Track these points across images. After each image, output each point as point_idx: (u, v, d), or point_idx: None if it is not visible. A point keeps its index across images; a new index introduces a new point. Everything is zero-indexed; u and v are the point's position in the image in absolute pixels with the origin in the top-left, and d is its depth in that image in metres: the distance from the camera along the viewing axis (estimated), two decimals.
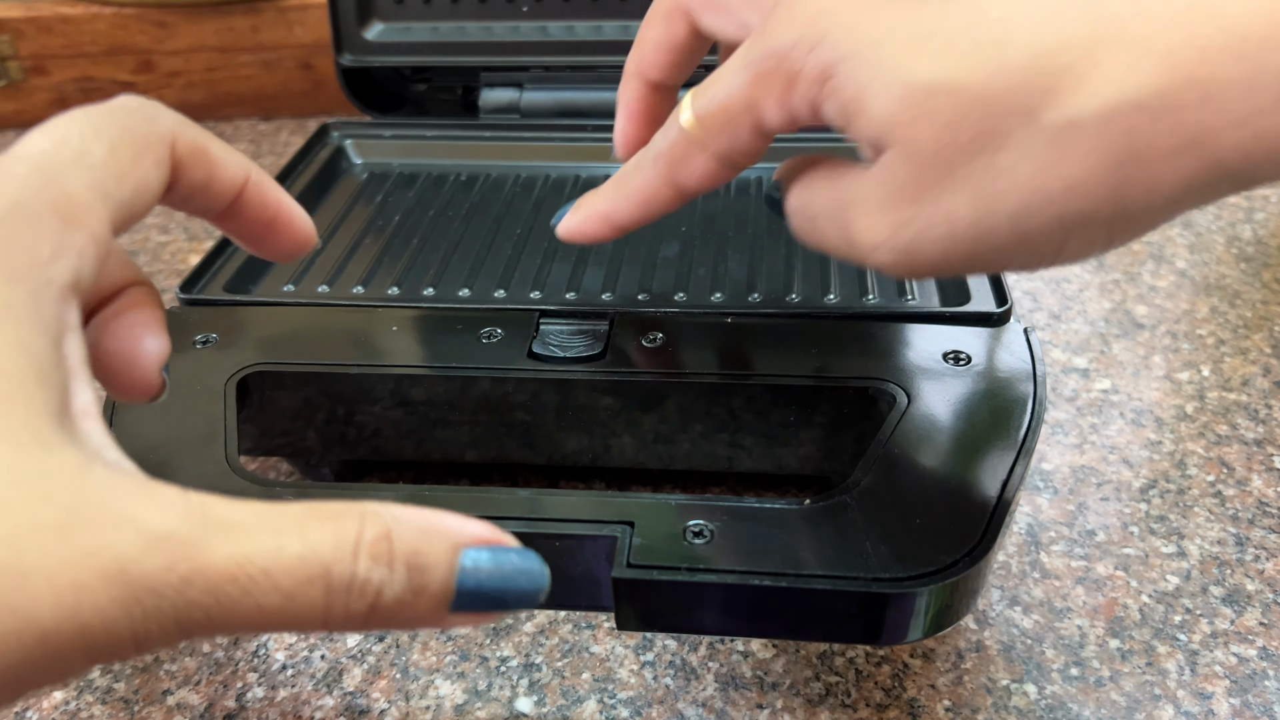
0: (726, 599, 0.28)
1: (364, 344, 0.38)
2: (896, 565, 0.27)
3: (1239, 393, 0.47)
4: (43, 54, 0.75)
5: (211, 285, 0.42)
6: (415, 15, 0.57)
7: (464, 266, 0.45)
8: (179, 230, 0.64)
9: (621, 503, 0.30)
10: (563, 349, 0.37)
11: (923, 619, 0.28)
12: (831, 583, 0.27)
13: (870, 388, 0.35)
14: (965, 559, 0.27)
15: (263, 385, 0.37)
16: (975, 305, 0.39)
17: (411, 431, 0.39)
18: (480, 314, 0.39)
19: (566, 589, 0.30)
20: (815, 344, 0.37)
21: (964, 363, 0.35)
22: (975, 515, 0.29)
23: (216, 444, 0.33)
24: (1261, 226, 0.60)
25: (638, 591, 0.28)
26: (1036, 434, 0.32)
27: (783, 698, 0.34)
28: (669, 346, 0.37)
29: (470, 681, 0.35)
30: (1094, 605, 0.37)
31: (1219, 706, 0.33)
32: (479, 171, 0.53)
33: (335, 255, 0.46)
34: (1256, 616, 0.36)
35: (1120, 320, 0.52)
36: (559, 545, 0.29)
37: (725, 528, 0.29)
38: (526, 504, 0.30)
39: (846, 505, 0.29)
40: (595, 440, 0.38)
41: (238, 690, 0.35)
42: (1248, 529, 0.40)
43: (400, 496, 0.30)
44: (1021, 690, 0.34)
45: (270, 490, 0.31)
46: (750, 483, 0.43)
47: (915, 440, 0.32)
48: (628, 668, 0.35)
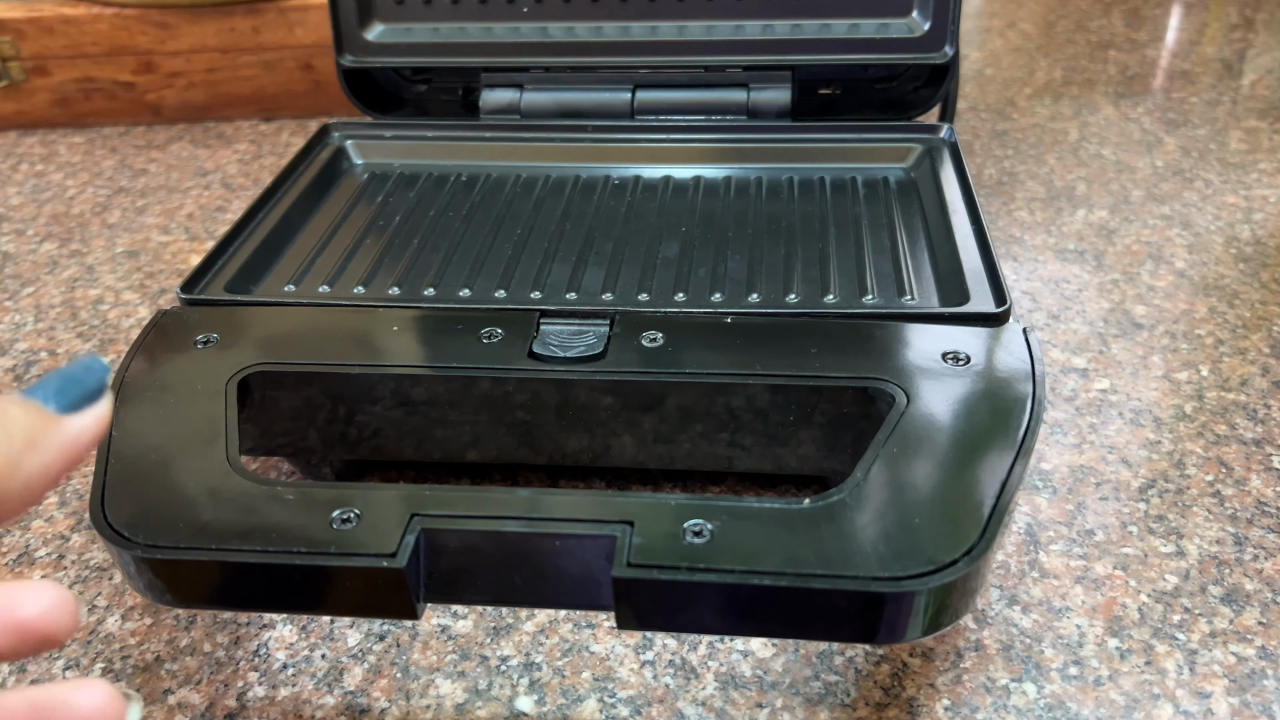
0: (726, 598, 0.28)
1: (365, 344, 0.38)
2: (895, 564, 0.27)
3: (1237, 392, 0.47)
4: (44, 55, 0.75)
5: (213, 285, 0.42)
6: (416, 16, 0.57)
7: (464, 267, 0.45)
8: (179, 230, 0.64)
9: (621, 502, 0.30)
10: (563, 349, 0.37)
11: (921, 618, 0.28)
12: (830, 582, 0.27)
13: (869, 388, 0.35)
14: (964, 558, 0.28)
15: (264, 385, 0.37)
16: (974, 305, 0.39)
17: (412, 431, 0.39)
18: (481, 314, 0.39)
19: (567, 588, 0.30)
20: (815, 344, 0.37)
21: (963, 363, 0.35)
22: (974, 515, 0.29)
23: (218, 444, 0.33)
24: (1260, 227, 0.60)
25: (638, 591, 0.28)
26: (1035, 434, 0.32)
27: (782, 697, 0.34)
28: (669, 346, 0.37)
29: (470, 680, 0.35)
30: (1093, 605, 0.37)
31: (1218, 706, 0.33)
32: (479, 172, 0.54)
33: (336, 255, 0.46)
34: (1255, 616, 0.36)
35: (1119, 320, 0.52)
36: (559, 545, 0.29)
37: (725, 527, 0.29)
38: (526, 503, 0.30)
39: (845, 505, 0.29)
40: (595, 440, 0.38)
41: (239, 689, 0.35)
42: (1246, 528, 0.40)
43: (400, 496, 0.30)
44: (1021, 689, 0.34)
45: (270, 489, 0.31)
46: (750, 482, 0.43)
47: (914, 440, 0.32)
48: (628, 667, 0.35)
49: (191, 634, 0.37)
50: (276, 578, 0.29)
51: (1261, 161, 0.67)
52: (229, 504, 0.31)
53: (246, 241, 0.46)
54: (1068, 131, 0.72)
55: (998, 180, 0.66)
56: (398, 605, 0.29)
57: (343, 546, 0.28)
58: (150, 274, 0.60)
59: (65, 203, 0.68)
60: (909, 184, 0.51)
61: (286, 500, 0.31)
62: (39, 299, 0.58)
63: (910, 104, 0.55)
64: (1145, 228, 0.60)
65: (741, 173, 0.52)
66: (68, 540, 0.42)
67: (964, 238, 0.43)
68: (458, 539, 0.29)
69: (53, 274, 0.60)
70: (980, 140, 0.71)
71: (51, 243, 0.64)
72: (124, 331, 0.55)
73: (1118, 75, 0.81)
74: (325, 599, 0.29)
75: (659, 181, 0.52)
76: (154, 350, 0.38)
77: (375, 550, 0.28)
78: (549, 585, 0.30)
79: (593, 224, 0.48)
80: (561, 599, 0.30)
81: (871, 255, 0.44)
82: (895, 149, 0.53)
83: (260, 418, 0.39)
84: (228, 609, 0.37)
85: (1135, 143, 0.70)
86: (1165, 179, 0.65)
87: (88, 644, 0.37)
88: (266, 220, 0.47)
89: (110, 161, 0.74)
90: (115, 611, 0.38)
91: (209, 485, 0.31)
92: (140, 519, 0.30)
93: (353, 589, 0.29)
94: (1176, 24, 0.93)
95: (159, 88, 0.77)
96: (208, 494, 0.31)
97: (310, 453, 0.41)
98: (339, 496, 0.30)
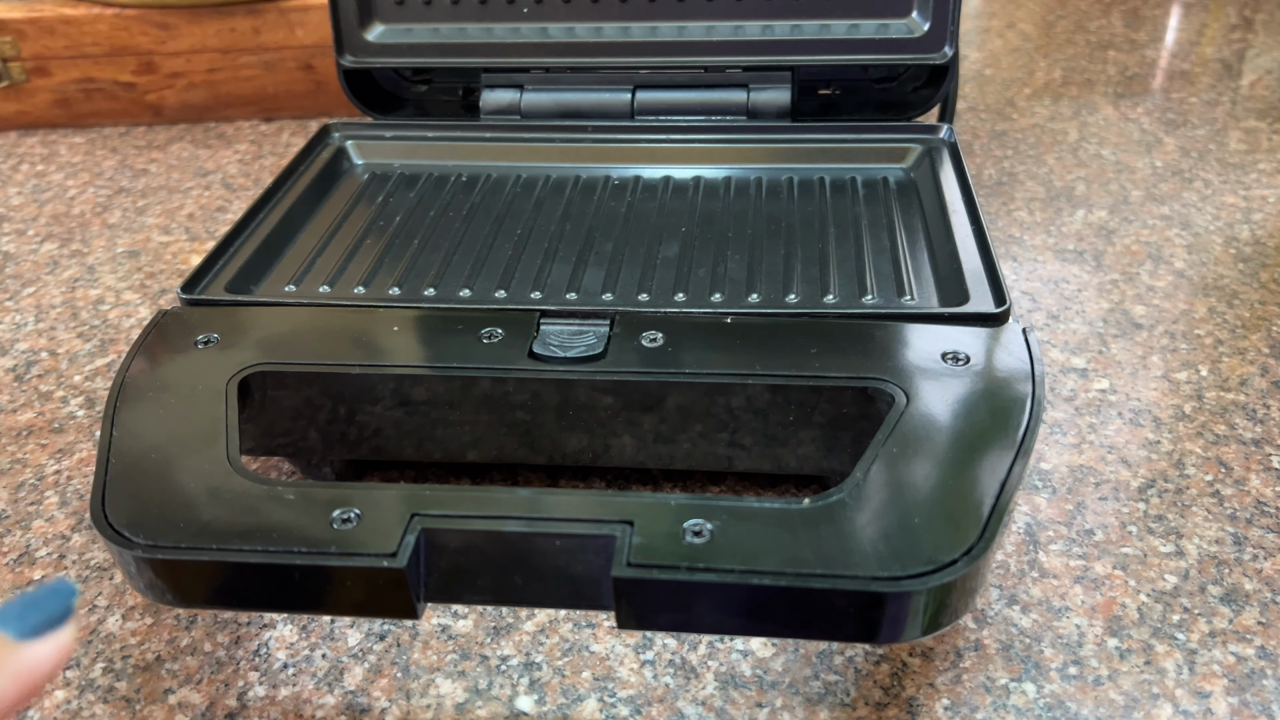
0: (726, 598, 0.28)
1: (365, 344, 0.38)
2: (895, 564, 0.27)
3: (1237, 392, 0.47)
4: (45, 55, 0.75)
5: (213, 285, 0.42)
6: (416, 17, 0.57)
7: (464, 267, 0.45)
8: (180, 231, 0.64)
9: (621, 502, 0.30)
10: (563, 349, 0.37)
11: (921, 618, 0.28)
12: (830, 581, 0.27)
13: (869, 388, 0.35)
14: (964, 558, 0.28)
15: (264, 385, 0.37)
16: (974, 305, 0.39)
17: (412, 431, 0.39)
18: (481, 314, 0.39)
19: (566, 588, 0.30)
20: (814, 344, 0.37)
21: (962, 363, 0.35)
22: (973, 514, 0.29)
23: (218, 444, 0.33)
24: (1259, 227, 0.60)
25: (638, 590, 0.28)
26: (1035, 434, 0.32)
27: (782, 696, 0.34)
28: (669, 347, 0.37)
29: (471, 680, 0.35)
30: (1092, 604, 0.37)
31: (1217, 705, 0.33)
32: (479, 172, 0.54)
33: (336, 256, 0.46)
34: (1254, 615, 0.36)
35: (1118, 320, 0.52)
36: (559, 544, 0.29)
37: (724, 527, 0.29)
38: (527, 503, 0.30)
39: (845, 504, 0.29)
40: (595, 440, 0.38)
41: (239, 689, 0.35)
42: (1246, 528, 0.40)
43: (400, 496, 0.30)
44: (1020, 689, 0.34)
45: (271, 489, 0.31)
46: (749, 482, 0.43)
47: (914, 440, 0.32)
48: (628, 666, 0.35)
49: (192, 634, 0.37)
50: (277, 578, 0.29)
51: (1261, 162, 0.67)
52: (230, 504, 0.31)
53: (247, 242, 0.46)
54: (1067, 132, 0.72)
55: (997, 180, 0.66)
56: (398, 605, 0.29)
57: (343, 546, 0.28)
58: (151, 274, 0.60)
59: (66, 203, 0.68)
60: (909, 184, 0.51)
61: (287, 500, 0.31)
62: (39, 299, 0.58)
63: (910, 104, 0.56)
64: (1145, 228, 0.60)
65: (741, 173, 0.53)
66: (68, 540, 0.42)
67: (963, 238, 0.43)
68: (458, 539, 0.29)
69: (53, 274, 0.60)
70: (980, 140, 0.71)
71: (52, 243, 0.64)
72: (124, 331, 0.55)
73: (1117, 75, 0.81)
74: (325, 599, 0.30)
75: (659, 182, 0.52)
76: (155, 350, 0.38)
77: (376, 550, 0.28)
78: (549, 585, 0.30)
79: (593, 224, 0.48)
80: (561, 599, 0.30)
81: (871, 255, 0.44)
82: (895, 149, 0.53)
83: (261, 418, 0.39)
84: (228, 609, 0.37)
85: (1135, 143, 0.70)
86: (1164, 179, 0.66)
87: (88, 644, 0.37)
88: (267, 220, 0.47)
89: (111, 162, 0.74)
90: (116, 611, 0.38)
91: (210, 485, 0.31)
92: (141, 519, 0.30)
93: (353, 589, 0.29)
94: (1176, 24, 0.93)
95: (159, 88, 0.77)
96: (208, 494, 0.31)
97: (310, 453, 0.41)
98: (339, 496, 0.30)
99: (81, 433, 0.47)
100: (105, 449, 0.33)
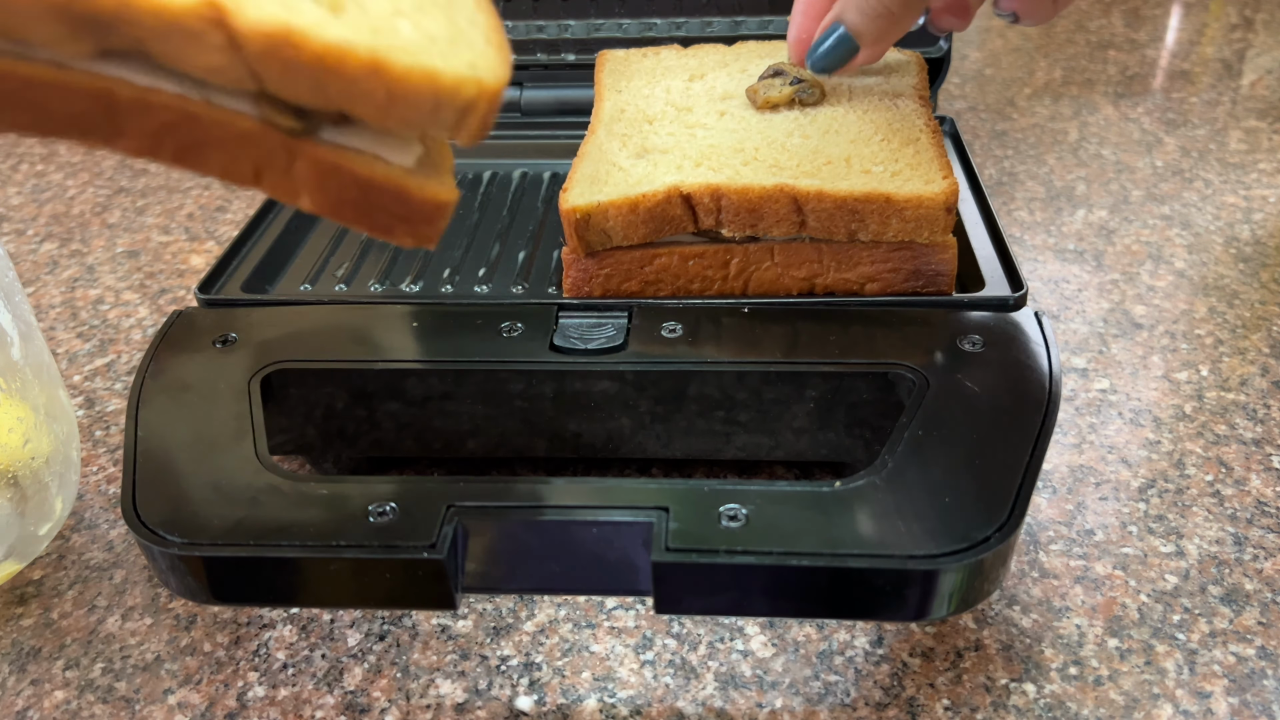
0: (764, 580, 0.28)
1: (387, 341, 0.38)
2: (930, 542, 0.28)
3: (1237, 392, 0.47)
4: None
5: (229, 285, 0.43)
6: None
7: (480, 263, 0.45)
8: (180, 231, 0.64)
9: (656, 489, 0.30)
10: (583, 341, 0.37)
11: (958, 594, 0.28)
12: (867, 561, 0.28)
13: (889, 373, 0.35)
14: (996, 534, 0.28)
15: (286, 383, 0.37)
16: (990, 291, 0.39)
17: (438, 426, 0.39)
18: (500, 309, 0.40)
19: (605, 574, 0.30)
20: (832, 331, 0.37)
21: (982, 346, 0.36)
22: (1003, 492, 0.29)
23: (246, 441, 0.33)
24: (1260, 227, 0.60)
25: (678, 575, 0.28)
26: (1055, 414, 0.33)
27: (782, 696, 0.34)
28: (688, 337, 0.37)
29: (470, 680, 0.35)
30: (1092, 604, 0.37)
31: (1217, 705, 0.33)
32: (483, 169, 0.54)
33: (350, 254, 0.46)
34: (1255, 616, 0.36)
35: (1118, 320, 0.52)
36: (596, 532, 0.29)
37: (759, 511, 0.29)
38: (562, 492, 0.30)
39: (876, 486, 0.30)
40: (619, 430, 0.38)
41: (239, 689, 0.35)
42: (1246, 528, 0.40)
43: (434, 488, 0.30)
44: (1020, 689, 0.34)
45: (304, 485, 0.31)
46: (769, 468, 0.43)
47: (938, 422, 0.32)
48: (628, 666, 0.35)
49: (192, 634, 0.37)
50: (318, 572, 0.29)
51: (1261, 161, 0.67)
52: (263, 500, 0.31)
53: (260, 241, 0.46)
54: (1067, 131, 0.72)
55: (997, 180, 0.66)
56: (437, 596, 0.29)
57: (383, 539, 0.29)
58: (150, 274, 0.60)
59: (65, 203, 0.68)
60: None
61: (320, 495, 0.31)
62: (39, 299, 0.58)
63: None
64: (1145, 228, 0.60)
65: None
66: (68, 540, 0.42)
67: (974, 225, 0.44)
68: (495, 529, 0.29)
69: (53, 274, 0.60)
70: (980, 140, 0.71)
71: (51, 243, 0.64)
72: (124, 331, 0.55)
73: (1117, 75, 0.81)
74: (363, 592, 0.30)
75: None
76: (173, 350, 0.38)
77: (415, 542, 0.28)
78: (587, 572, 0.30)
79: None
80: (600, 585, 0.31)
81: None
82: None
83: (284, 415, 0.39)
84: (263, 605, 0.37)
85: (1135, 143, 0.70)
86: (1165, 179, 0.66)
87: (88, 644, 0.37)
88: (278, 220, 0.48)
89: (110, 161, 0.74)
90: (115, 611, 0.38)
91: (241, 482, 0.31)
92: (175, 517, 0.30)
93: (392, 581, 0.29)
94: (1176, 24, 0.93)
95: None
96: (241, 491, 0.31)
97: (335, 449, 0.41)
98: (373, 490, 0.31)
99: (81, 433, 0.47)
100: (131, 449, 0.33)
